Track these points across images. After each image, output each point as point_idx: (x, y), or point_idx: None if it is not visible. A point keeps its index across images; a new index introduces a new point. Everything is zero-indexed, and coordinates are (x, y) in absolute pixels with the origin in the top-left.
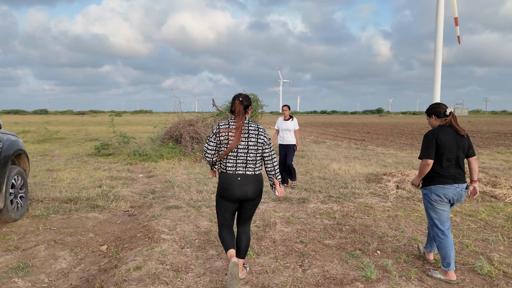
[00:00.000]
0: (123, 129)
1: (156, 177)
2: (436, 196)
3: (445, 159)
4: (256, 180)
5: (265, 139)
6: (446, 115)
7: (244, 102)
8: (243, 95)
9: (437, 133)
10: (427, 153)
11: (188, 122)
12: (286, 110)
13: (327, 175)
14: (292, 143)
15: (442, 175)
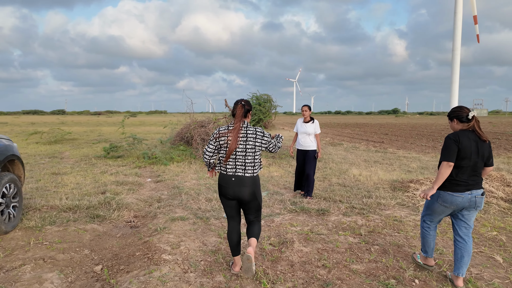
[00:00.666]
0: (136, 130)
1: (164, 182)
2: (442, 201)
3: (462, 164)
4: (251, 182)
5: (262, 141)
6: (469, 119)
7: (245, 106)
8: (245, 100)
9: (459, 137)
10: (449, 155)
11: (200, 124)
12: (306, 111)
13: (347, 181)
14: (312, 148)
15: (454, 181)
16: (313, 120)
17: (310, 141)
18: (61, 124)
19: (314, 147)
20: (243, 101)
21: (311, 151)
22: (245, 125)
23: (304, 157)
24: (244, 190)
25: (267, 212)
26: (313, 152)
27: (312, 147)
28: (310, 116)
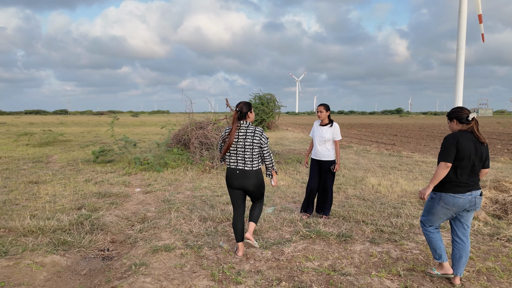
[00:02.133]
0: (135, 130)
1: (154, 194)
2: (444, 204)
3: (461, 165)
4: (252, 175)
5: (261, 140)
6: (469, 120)
7: (243, 109)
8: (242, 103)
9: (458, 137)
10: (447, 156)
11: (198, 125)
12: (322, 112)
13: (366, 193)
14: (329, 159)
15: (455, 182)
16: (331, 123)
17: (326, 149)
18: (60, 125)
19: (331, 156)
20: (239, 106)
21: (327, 162)
22: (246, 125)
23: (320, 169)
24: (247, 181)
25: (275, 238)
26: (330, 163)
27: (329, 157)
28: (329, 117)
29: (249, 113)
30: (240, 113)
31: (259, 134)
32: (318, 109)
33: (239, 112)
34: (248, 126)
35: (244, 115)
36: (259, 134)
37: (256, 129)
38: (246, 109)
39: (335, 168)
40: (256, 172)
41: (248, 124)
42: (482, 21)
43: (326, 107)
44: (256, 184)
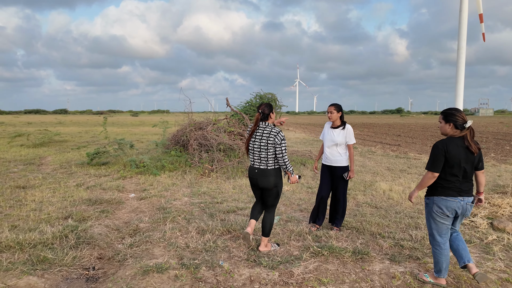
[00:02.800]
0: (134, 130)
1: (150, 200)
2: (438, 208)
3: (452, 172)
4: (268, 174)
5: (275, 140)
6: (465, 127)
7: (265, 111)
8: (264, 105)
9: (447, 146)
10: (434, 166)
11: (198, 125)
12: (332, 112)
13: (378, 200)
14: (341, 164)
15: (446, 186)
16: (344, 125)
17: (338, 154)
18: (58, 124)
19: (344, 162)
20: (261, 108)
21: (340, 168)
22: (264, 126)
23: (331, 176)
24: (264, 179)
25: (282, 255)
26: (343, 169)
27: (342, 162)
28: (341, 119)
29: (271, 114)
30: (263, 115)
31: (274, 134)
32: (328, 109)
33: (262, 113)
34: (266, 127)
35: (266, 117)
36: (274, 134)
37: (272, 130)
38: (268, 110)
39: (348, 175)
40: (274, 171)
41: (266, 125)
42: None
43: (338, 108)
44: (269, 182)
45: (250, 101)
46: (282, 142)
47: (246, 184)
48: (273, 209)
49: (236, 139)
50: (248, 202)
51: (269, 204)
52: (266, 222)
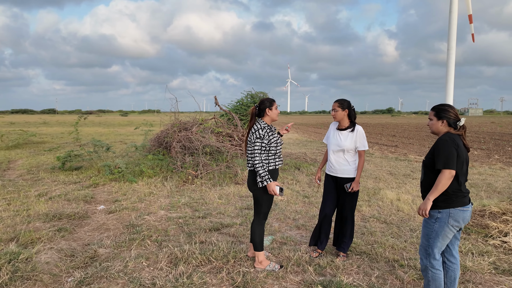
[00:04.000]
0: (120, 131)
1: (120, 214)
2: (454, 221)
3: (462, 172)
4: (250, 175)
5: (251, 137)
6: (458, 126)
7: (260, 105)
8: (264, 99)
9: (456, 140)
10: (450, 162)
11: (183, 126)
12: (337, 110)
13: (386, 212)
14: (349, 175)
15: (461, 193)
16: (353, 126)
17: (346, 162)
18: (43, 124)
19: (352, 172)
20: (259, 103)
21: (347, 180)
22: (258, 121)
23: (337, 189)
24: (248, 182)
25: None
26: (351, 181)
27: (349, 173)
28: (349, 118)
29: (267, 110)
30: (258, 110)
31: (255, 130)
32: (333, 106)
33: (257, 108)
34: (256, 123)
35: (261, 112)
36: (255, 131)
37: (256, 124)
38: (264, 105)
39: (351, 187)
40: (252, 172)
41: (259, 122)
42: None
43: (343, 104)
44: (251, 185)
45: (241, 100)
46: (256, 140)
47: (234, 193)
48: (258, 218)
49: (224, 141)
50: (236, 217)
51: (255, 211)
52: (253, 233)
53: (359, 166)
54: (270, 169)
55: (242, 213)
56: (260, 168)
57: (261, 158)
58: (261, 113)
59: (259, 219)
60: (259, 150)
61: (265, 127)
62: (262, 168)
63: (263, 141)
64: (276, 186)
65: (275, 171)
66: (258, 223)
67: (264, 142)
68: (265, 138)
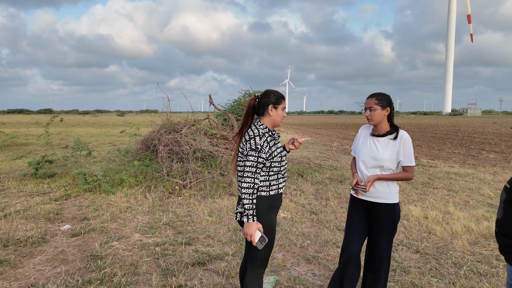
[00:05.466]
0: (114, 131)
1: (85, 238)
2: None
3: None
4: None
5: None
6: None
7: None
8: (266, 91)
9: None
10: None
11: (173, 127)
12: (375, 109)
13: (415, 235)
14: (387, 200)
15: None
16: (395, 131)
17: (383, 183)
18: (35, 124)
19: (392, 196)
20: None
21: (385, 208)
22: (254, 122)
23: (367, 219)
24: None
25: None
26: (389, 210)
27: (388, 197)
28: (389, 121)
29: (270, 108)
30: (258, 104)
31: (245, 139)
32: (366, 103)
33: (258, 101)
34: (252, 126)
35: (261, 109)
36: (245, 140)
37: (248, 132)
38: (268, 98)
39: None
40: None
41: (255, 123)
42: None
43: (383, 100)
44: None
45: (239, 100)
46: (249, 153)
47: (227, 208)
48: (253, 267)
49: (219, 144)
50: (228, 243)
51: (247, 257)
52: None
53: (395, 178)
54: (272, 195)
55: (236, 237)
56: (247, 196)
57: (253, 182)
58: (261, 110)
59: (254, 268)
60: (253, 168)
61: (264, 133)
62: (250, 198)
63: (260, 155)
64: (257, 232)
65: (277, 197)
66: (254, 276)
67: (262, 157)
68: (264, 150)
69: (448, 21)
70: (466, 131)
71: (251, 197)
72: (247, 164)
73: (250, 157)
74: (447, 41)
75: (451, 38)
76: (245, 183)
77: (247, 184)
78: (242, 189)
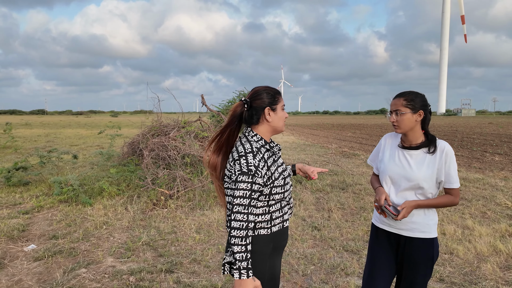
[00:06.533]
0: (105, 132)
1: (49, 262)
2: None
3: None
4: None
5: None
6: None
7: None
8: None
9: None
10: None
11: (161, 129)
12: (405, 113)
13: None
14: (423, 234)
15: None
16: (433, 143)
17: (419, 211)
18: (24, 126)
19: (430, 230)
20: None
21: (421, 243)
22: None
23: (396, 256)
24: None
25: None
26: (427, 246)
27: (424, 230)
28: (423, 128)
29: (267, 112)
30: (249, 110)
31: (231, 160)
32: (392, 105)
33: (247, 104)
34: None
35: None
36: (231, 160)
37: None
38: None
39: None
40: None
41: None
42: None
43: (414, 101)
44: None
45: (233, 100)
46: (239, 179)
47: (218, 222)
48: None
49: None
50: (217, 269)
51: None
52: None
53: (440, 198)
54: (275, 232)
55: None
56: (239, 241)
57: (247, 219)
58: (255, 117)
59: None
60: (245, 199)
61: (260, 147)
62: (242, 243)
63: (255, 179)
64: None
65: (282, 234)
66: None
67: (259, 182)
68: (261, 172)
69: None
70: (464, 131)
71: (245, 241)
72: (236, 195)
73: (241, 183)
74: (441, 42)
75: (445, 38)
76: (235, 222)
77: (238, 224)
78: (232, 230)
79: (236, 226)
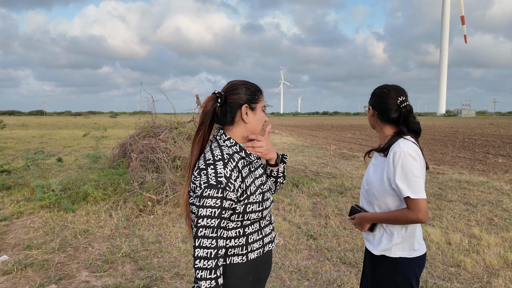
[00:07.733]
0: (98, 133)
1: (18, 277)
2: None
3: None
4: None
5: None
6: None
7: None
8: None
9: None
10: None
11: (153, 130)
12: (369, 109)
13: (440, 271)
14: (384, 253)
15: None
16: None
17: (379, 225)
18: (20, 126)
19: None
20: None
21: (383, 262)
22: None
23: (371, 274)
24: None
25: None
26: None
27: (386, 250)
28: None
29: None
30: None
31: (200, 164)
32: None
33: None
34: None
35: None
36: (200, 164)
37: (208, 152)
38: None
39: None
40: None
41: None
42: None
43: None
44: None
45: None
46: (204, 194)
47: None
48: None
49: None
50: None
51: None
52: None
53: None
54: (254, 259)
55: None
56: (206, 274)
57: (216, 244)
58: (228, 116)
59: None
60: (213, 219)
61: (233, 154)
62: (211, 277)
63: (226, 194)
64: None
65: (263, 261)
66: None
67: (231, 197)
68: (233, 185)
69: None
70: (465, 132)
71: (214, 274)
72: (202, 214)
73: (207, 199)
74: (441, 42)
75: (445, 39)
76: (200, 250)
77: (205, 252)
78: (196, 261)
79: (202, 255)
